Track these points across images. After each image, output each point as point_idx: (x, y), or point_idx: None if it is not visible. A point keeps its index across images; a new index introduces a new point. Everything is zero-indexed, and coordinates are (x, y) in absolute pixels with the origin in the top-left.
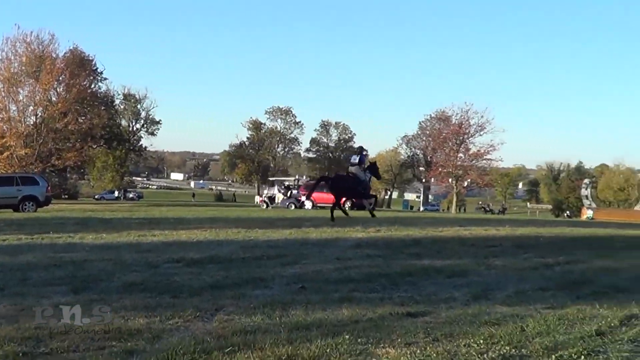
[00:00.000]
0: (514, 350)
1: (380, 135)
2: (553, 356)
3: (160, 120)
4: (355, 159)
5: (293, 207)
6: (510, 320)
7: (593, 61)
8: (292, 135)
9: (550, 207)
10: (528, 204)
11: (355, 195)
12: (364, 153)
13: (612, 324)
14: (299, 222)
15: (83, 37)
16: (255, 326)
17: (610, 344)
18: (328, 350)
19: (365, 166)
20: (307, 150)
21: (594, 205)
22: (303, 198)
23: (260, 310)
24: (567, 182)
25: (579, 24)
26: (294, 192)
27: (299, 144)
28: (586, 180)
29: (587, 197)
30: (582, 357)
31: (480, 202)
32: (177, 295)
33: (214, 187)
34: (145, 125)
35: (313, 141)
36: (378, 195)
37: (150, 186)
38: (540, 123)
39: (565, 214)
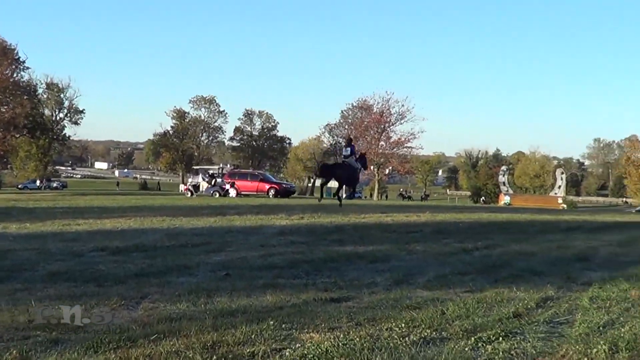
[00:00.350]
0: (434, 333)
1: (304, 123)
2: (472, 338)
3: (83, 109)
4: (347, 150)
5: (217, 195)
6: (431, 304)
7: (510, 52)
8: (216, 124)
9: (469, 193)
10: (448, 190)
11: (352, 182)
12: (353, 144)
13: (529, 306)
14: (224, 210)
15: (4, 26)
16: (180, 313)
17: (527, 326)
18: (253, 336)
19: (357, 157)
20: (231, 139)
21: (511, 191)
22: (227, 186)
23: (185, 297)
24: (485, 169)
25: (496, 16)
26: (219, 180)
27: (223, 133)
28: (503, 167)
29: (504, 183)
30: (500, 338)
31: (402, 189)
32: (102, 283)
33: (138, 176)
34: (68, 115)
35: (237, 130)
36: (301, 183)
37: (74, 175)
38: (460, 112)
39: (481, 200)
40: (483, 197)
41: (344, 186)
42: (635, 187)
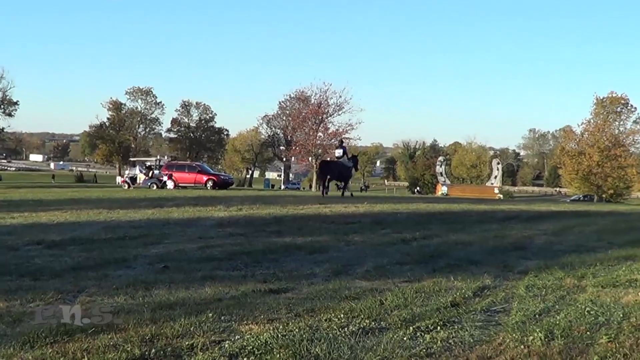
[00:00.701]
0: (373, 323)
1: (241, 115)
2: (410, 327)
3: (17, 101)
4: (339, 152)
5: (155, 187)
6: (370, 294)
7: (446, 43)
8: (153, 116)
9: (407, 184)
10: (386, 181)
11: (344, 179)
12: (344, 145)
13: (466, 295)
14: (161, 202)
15: None
16: (118, 307)
17: (465, 314)
18: (192, 329)
19: (349, 156)
20: (169, 130)
21: (448, 181)
22: (165, 178)
23: (123, 290)
24: (423, 160)
25: (433, 5)
26: (156, 172)
27: (160, 124)
28: (440, 158)
29: (441, 174)
30: (438, 327)
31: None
32: (38, 277)
33: (74, 169)
34: (2, 106)
35: (174, 121)
36: (239, 175)
37: (8, 168)
38: (397, 103)
39: (416, 190)
40: (418, 188)
41: (327, 181)
42: (569, 177)
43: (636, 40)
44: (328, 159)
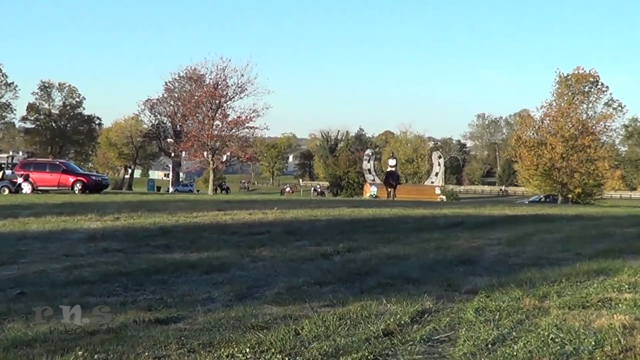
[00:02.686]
0: (287, 358)
1: (118, 99)
2: None
3: None
4: (393, 162)
5: (7, 191)
6: (282, 322)
7: (373, 14)
8: (3, 100)
9: (326, 184)
10: (301, 180)
11: (395, 186)
12: (395, 156)
13: (402, 322)
14: (15, 210)
15: None
16: None
17: (401, 345)
18: None
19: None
20: (24, 119)
21: (378, 180)
22: (19, 180)
23: None
24: (346, 154)
25: None
26: (8, 172)
27: (12, 112)
28: (368, 151)
29: (369, 171)
30: None
31: (244, 181)
32: None
33: None
34: None
35: (31, 107)
36: (116, 175)
37: None
38: (314, 85)
39: (317, 191)
40: (317, 187)
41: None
42: (527, 173)
43: (606, 6)
44: (388, 169)
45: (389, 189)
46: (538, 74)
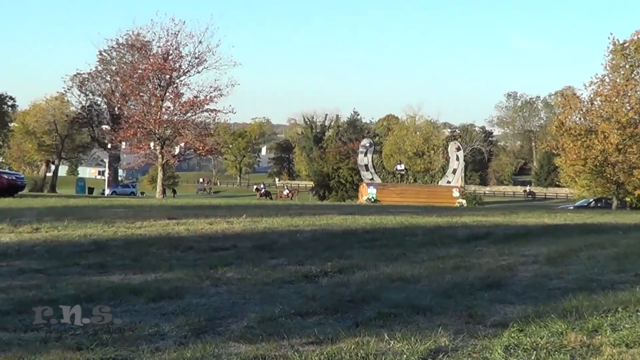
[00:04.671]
0: None
1: (36, 73)
2: None
3: None
4: (402, 167)
5: None
6: None
7: None
8: None
9: (311, 184)
10: (277, 180)
11: None
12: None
13: None
14: None
15: None
16: None
17: None
18: None
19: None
20: None
21: (378, 179)
22: None
23: None
24: (337, 145)
25: None
26: None
27: None
28: (365, 142)
29: (366, 167)
30: None
31: (202, 179)
32: None
33: None
34: None
35: None
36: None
37: None
38: (294, 56)
39: (260, 191)
40: (262, 187)
41: None
42: (571, 170)
43: None
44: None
45: None
46: (586, 41)
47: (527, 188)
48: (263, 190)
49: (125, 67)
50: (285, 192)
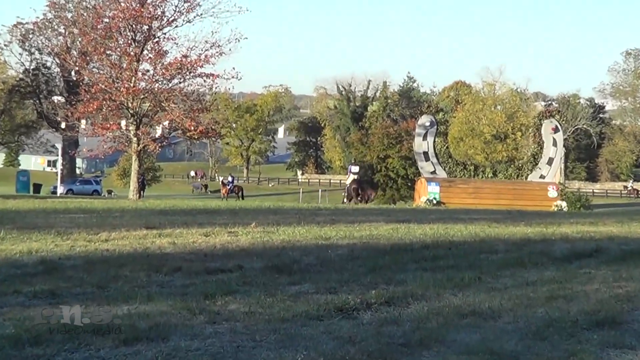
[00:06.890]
0: None
1: None
2: None
3: None
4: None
5: None
6: None
7: None
8: None
9: (347, 179)
10: (300, 173)
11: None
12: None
13: None
14: None
15: None
16: None
17: None
18: None
19: None
20: None
21: (443, 173)
22: None
23: None
24: (384, 124)
25: None
26: None
27: None
28: (425, 120)
29: (426, 155)
30: None
31: (195, 173)
32: None
33: None
34: None
35: None
36: None
37: None
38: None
39: (198, 188)
40: (198, 185)
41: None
42: None
43: None
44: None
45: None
46: None
47: (630, 184)
48: (231, 185)
49: (86, 14)
50: (229, 184)
